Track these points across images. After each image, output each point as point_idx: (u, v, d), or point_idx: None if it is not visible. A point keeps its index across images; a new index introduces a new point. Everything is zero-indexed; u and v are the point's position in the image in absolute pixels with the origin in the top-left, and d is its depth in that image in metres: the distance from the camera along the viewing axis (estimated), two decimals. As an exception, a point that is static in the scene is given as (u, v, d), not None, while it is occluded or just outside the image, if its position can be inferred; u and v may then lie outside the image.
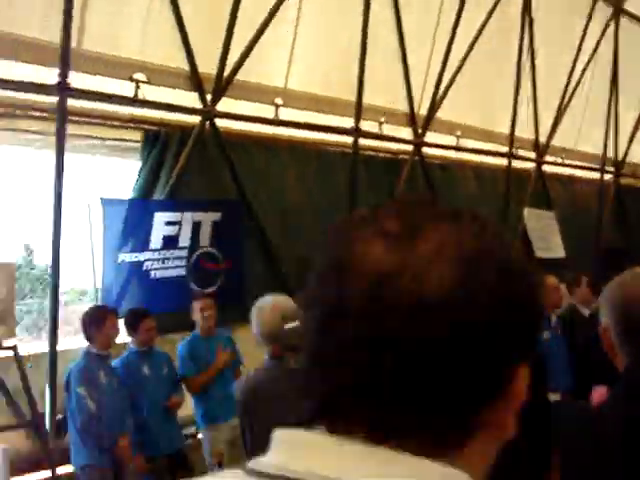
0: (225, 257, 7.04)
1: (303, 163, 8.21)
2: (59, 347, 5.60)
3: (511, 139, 10.70)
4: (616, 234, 13.45)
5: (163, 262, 6.57)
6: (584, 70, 11.94)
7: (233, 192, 7.32)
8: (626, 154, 13.65)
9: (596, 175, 13.29)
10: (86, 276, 6.77)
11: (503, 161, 10.92)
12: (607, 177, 13.43)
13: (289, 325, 2.84)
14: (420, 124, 9.37)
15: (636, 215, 14.12)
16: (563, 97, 11.69)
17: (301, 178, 8.09)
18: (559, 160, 12.13)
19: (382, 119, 8.86)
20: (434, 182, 9.64)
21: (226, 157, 7.19)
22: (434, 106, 9.40)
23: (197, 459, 5.36)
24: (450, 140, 10.08)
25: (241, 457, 5.33)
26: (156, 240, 6.54)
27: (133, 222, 6.40)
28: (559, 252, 11.36)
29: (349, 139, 8.45)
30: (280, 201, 7.80)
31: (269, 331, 2.96)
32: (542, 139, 11.52)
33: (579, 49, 11.72)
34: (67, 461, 4.96)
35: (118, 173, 7.07)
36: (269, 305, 3.03)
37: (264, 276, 7.46)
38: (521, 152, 11.11)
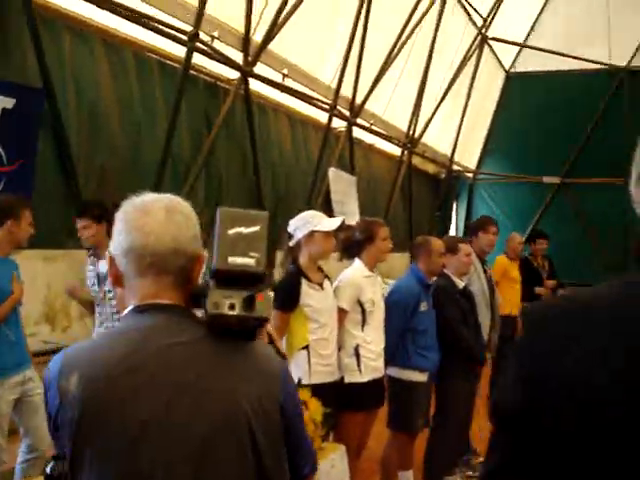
0: (12, 157, 5.49)
1: (120, 63, 6.80)
2: None
3: (336, 93, 10.02)
4: (401, 209, 13.58)
5: None
6: (404, 43, 11.59)
7: (34, 77, 5.75)
8: (422, 134, 13.68)
9: (392, 148, 13.21)
10: None
11: (320, 113, 10.23)
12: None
13: (235, 230, 1.45)
14: (252, 51, 8.30)
15: (417, 193, 14.40)
16: (385, 63, 11.24)
17: (117, 78, 6.68)
18: (367, 125, 11.71)
19: (215, 33, 7.65)
20: (253, 119, 8.65)
21: (33, 30, 5.60)
22: (270, 34, 8.36)
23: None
24: (276, 77, 9.13)
25: (31, 416, 4.06)
26: None
27: None
28: (354, 219, 10.98)
29: (177, 49, 7.18)
30: (89, 100, 6.34)
31: (172, 250, 1.49)
32: (357, 100, 10.99)
33: (407, 22, 11.33)
34: None
35: None
36: (167, 205, 1.54)
37: (55, 187, 6.04)
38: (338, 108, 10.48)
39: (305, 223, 3.82)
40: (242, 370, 1.49)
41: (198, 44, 7.10)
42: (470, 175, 17.13)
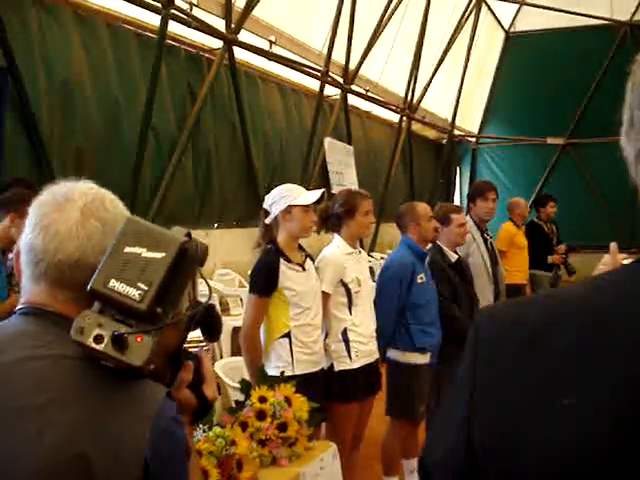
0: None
1: (93, 36, 6.41)
2: None
3: (328, 59, 9.58)
4: (403, 177, 13.20)
5: None
6: (399, 3, 11.11)
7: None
8: (421, 99, 13.24)
9: (390, 114, 12.79)
10: None
11: (311, 81, 9.82)
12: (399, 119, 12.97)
13: (133, 250, 1.14)
14: (235, 19, 7.88)
15: (418, 161, 14.00)
16: (378, 26, 10.78)
17: (90, 53, 6.30)
18: (362, 92, 11.28)
19: (194, 0, 7.24)
20: (240, 89, 8.26)
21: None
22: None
23: None
24: (262, 44, 8.72)
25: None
26: None
27: None
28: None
29: (154, 19, 6.77)
30: (61, 78, 5.96)
31: (74, 262, 1.19)
32: (351, 66, 10.55)
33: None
34: None
35: None
36: (85, 205, 1.22)
37: (27, 174, 5.67)
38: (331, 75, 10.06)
39: (282, 197, 3.45)
40: (104, 405, 1.15)
41: (174, 11, 6.70)
42: (472, 139, 16.70)
